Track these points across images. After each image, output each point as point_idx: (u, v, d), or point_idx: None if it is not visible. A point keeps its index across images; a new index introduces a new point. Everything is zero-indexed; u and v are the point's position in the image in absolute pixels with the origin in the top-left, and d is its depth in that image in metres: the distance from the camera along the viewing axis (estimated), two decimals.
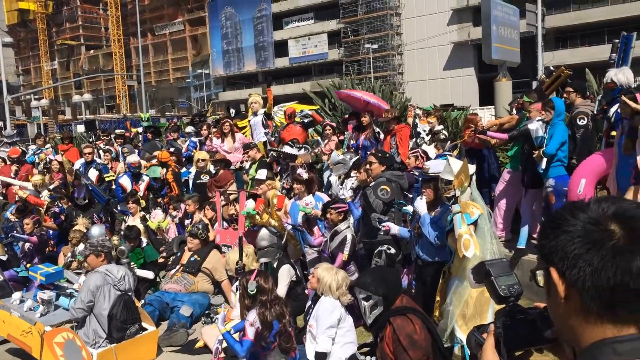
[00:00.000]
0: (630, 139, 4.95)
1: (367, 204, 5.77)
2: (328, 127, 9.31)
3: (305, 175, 6.66)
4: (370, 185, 5.90)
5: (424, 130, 7.86)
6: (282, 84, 56.90)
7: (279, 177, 7.92)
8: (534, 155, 6.17)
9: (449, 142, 7.27)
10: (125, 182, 9.40)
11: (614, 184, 5.33)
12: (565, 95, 6.68)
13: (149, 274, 7.01)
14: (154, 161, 9.99)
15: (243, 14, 60.31)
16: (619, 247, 1.07)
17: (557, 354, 1.29)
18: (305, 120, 9.69)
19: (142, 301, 6.25)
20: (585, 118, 6.27)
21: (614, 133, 5.53)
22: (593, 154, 5.96)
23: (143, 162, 10.08)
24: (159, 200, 9.51)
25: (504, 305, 1.40)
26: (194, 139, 10.83)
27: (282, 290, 5.79)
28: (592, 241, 1.10)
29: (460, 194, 4.41)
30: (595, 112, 6.28)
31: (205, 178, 9.06)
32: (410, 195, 6.30)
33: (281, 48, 57.99)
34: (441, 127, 7.93)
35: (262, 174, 7.10)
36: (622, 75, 5.82)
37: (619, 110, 5.38)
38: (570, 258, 1.11)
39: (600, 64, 6.83)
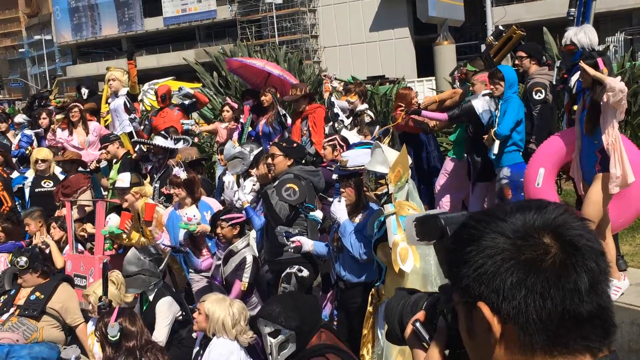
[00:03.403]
0: (592, 115, 5.27)
1: (268, 209, 5.77)
2: (227, 108, 9.25)
3: (183, 175, 6.58)
4: (274, 185, 5.91)
5: (343, 111, 7.98)
6: (156, 53, 55.88)
7: (149, 179, 7.77)
8: (484, 140, 6.44)
9: (378, 126, 7.43)
10: None
11: (579, 172, 5.66)
12: (517, 62, 7.00)
13: None
14: None
15: None
16: (560, 264, 1.13)
17: None
18: (186, 102, 9.59)
19: None
20: (543, 91, 6.60)
21: (576, 107, 5.87)
22: (552, 136, 6.29)
23: None
24: None
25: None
26: (28, 132, 10.44)
27: (161, 332, 5.67)
28: (528, 261, 1.14)
29: (398, 190, 4.49)
30: (554, 82, 6.63)
31: (47, 185, 8.75)
32: (330, 199, 6.38)
33: (152, 5, 56.91)
34: (365, 106, 8.08)
35: (124, 179, 6.92)
36: (583, 35, 6.17)
37: (581, 79, 5.70)
38: (507, 288, 1.14)
39: (562, 21, 7.22)
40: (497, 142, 6.31)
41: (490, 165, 6.57)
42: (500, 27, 7.86)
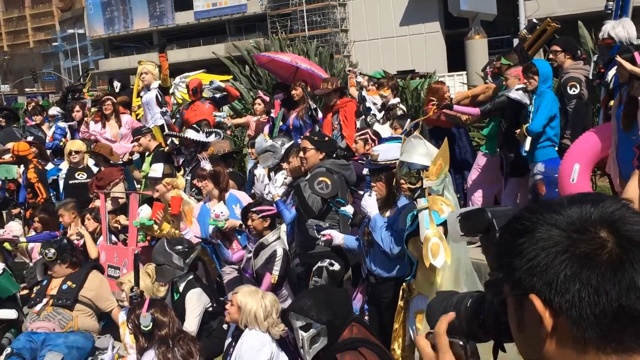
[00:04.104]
0: (630, 110, 5.20)
1: (300, 202, 5.77)
2: (258, 101, 9.27)
3: (207, 167, 6.61)
4: (306, 178, 5.92)
5: (375, 105, 7.97)
6: (186, 47, 56.11)
7: (182, 172, 7.83)
8: (516, 134, 6.38)
9: (409, 119, 7.41)
10: None
11: (615, 168, 5.59)
12: (551, 56, 6.93)
13: (9, 314, 6.80)
14: (7, 156, 9.66)
15: None
16: (617, 259, 1.12)
17: None
18: (217, 95, 9.63)
19: (9, 349, 6.06)
20: (578, 85, 6.53)
21: (612, 103, 5.80)
22: (587, 132, 6.22)
23: None
24: (18, 210, 9.22)
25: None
26: (62, 124, 10.57)
27: (192, 323, 5.72)
28: (584, 255, 1.13)
29: (440, 183, 4.49)
30: (590, 77, 6.55)
31: (81, 177, 8.86)
32: (361, 192, 6.37)
33: None
34: (397, 100, 8.06)
35: (157, 170, 6.99)
36: (621, 29, 6.09)
37: (617, 74, 5.63)
38: (561, 281, 1.13)
39: (597, 14, 7.14)
40: (528, 139, 6.25)
41: (524, 160, 6.52)
42: (534, 20, 7.79)
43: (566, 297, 1.12)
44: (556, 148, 6.42)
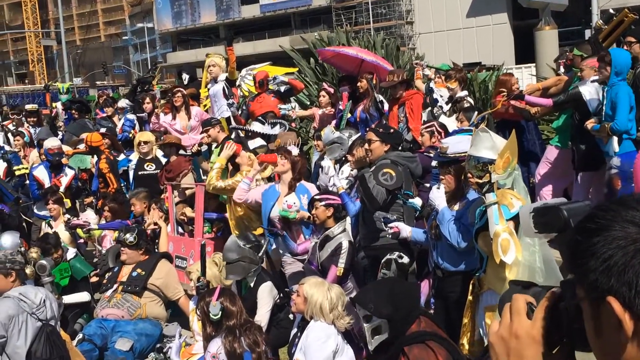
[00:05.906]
0: None
1: (365, 192, 5.73)
2: (323, 94, 9.27)
3: (295, 151, 6.68)
4: (370, 169, 5.89)
5: (442, 97, 7.87)
6: (252, 40, 56.59)
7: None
8: (588, 126, 6.21)
9: (476, 112, 7.29)
10: (42, 174, 9.31)
11: None
12: (626, 47, 6.73)
13: (82, 297, 6.99)
14: (81, 147, 9.90)
15: None
16: None
17: None
18: (282, 89, 9.66)
19: (81, 335, 6.24)
20: None
21: None
22: None
23: (66, 148, 10.00)
24: (90, 199, 9.44)
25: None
26: (130, 116, 10.75)
27: (263, 316, 5.76)
28: None
29: (507, 176, 4.42)
30: None
31: (150, 167, 9.02)
32: (428, 184, 6.31)
33: None
34: (465, 92, 7.93)
35: (257, 142, 7.10)
36: None
37: None
38: None
39: None
40: (615, 139, 6.08)
41: (597, 153, 6.34)
42: (611, 11, 7.57)
43: None
44: (633, 140, 6.22)
